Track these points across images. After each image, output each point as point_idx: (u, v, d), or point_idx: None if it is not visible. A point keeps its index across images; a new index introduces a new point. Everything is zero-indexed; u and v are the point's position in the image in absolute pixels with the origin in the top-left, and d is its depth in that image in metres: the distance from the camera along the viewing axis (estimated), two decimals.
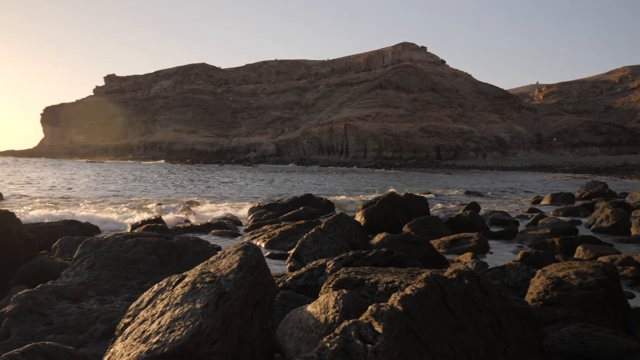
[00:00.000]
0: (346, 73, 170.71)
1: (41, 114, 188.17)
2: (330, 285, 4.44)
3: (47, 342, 3.64)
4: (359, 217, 12.75)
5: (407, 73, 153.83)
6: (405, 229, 11.44)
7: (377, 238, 8.83)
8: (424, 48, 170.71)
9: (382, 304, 2.78)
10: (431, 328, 2.72)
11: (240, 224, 15.25)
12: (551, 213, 17.19)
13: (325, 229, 8.31)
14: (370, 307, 2.74)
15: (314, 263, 6.22)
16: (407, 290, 2.81)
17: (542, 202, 22.51)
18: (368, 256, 5.97)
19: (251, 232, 12.78)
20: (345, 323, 2.67)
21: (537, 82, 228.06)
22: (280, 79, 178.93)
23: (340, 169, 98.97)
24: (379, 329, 2.60)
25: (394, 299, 2.81)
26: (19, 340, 4.09)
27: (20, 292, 4.56)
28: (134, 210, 18.78)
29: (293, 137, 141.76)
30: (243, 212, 18.71)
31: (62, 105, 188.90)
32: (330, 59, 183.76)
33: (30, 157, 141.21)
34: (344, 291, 3.80)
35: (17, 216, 7.11)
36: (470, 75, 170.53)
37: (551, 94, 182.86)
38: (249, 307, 3.10)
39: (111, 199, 23.67)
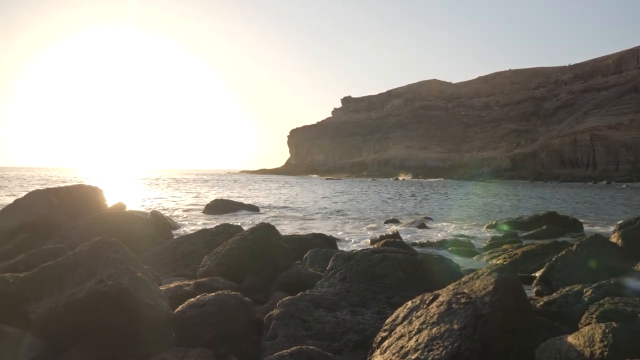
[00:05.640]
0: (591, 78, 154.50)
1: (288, 136, 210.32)
2: (594, 316, 4.02)
3: (310, 347, 3.98)
4: (615, 239, 11.31)
5: None
6: None
7: None
8: None
9: None
10: None
11: (475, 241, 14.80)
12: None
13: (577, 252, 7.56)
14: None
15: (567, 289, 5.69)
16: None
17: None
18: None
19: (490, 250, 12.29)
20: None
21: None
22: (514, 89, 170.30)
23: (585, 184, 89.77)
24: None
25: None
26: (284, 342, 4.54)
27: (284, 299, 5.07)
28: (371, 224, 19.62)
29: (530, 150, 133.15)
30: (479, 229, 18.16)
31: (305, 127, 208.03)
32: (572, 63, 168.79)
33: (278, 175, 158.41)
34: (614, 324, 3.40)
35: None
36: None
37: None
38: (507, 332, 2.95)
39: (349, 213, 25.12)
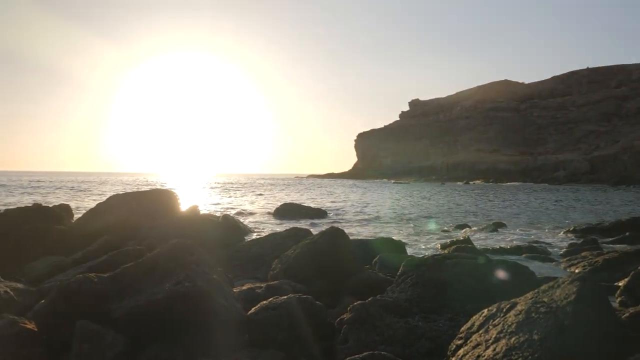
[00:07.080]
0: None
1: (355, 140, 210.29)
2: None
3: (382, 352, 3.95)
4: None
5: None
6: None
7: None
8: None
9: None
10: None
11: (551, 248, 14.20)
12: None
13: None
14: None
15: None
16: None
17: None
18: None
19: (567, 258, 11.77)
20: None
21: None
22: (592, 88, 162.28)
23: None
24: None
25: None
26: (355, 346, 4.52)
27: (355, 303, 5.05)
28: (442, 229, 19.26)
29: (610, 152, 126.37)
30: (555, 235, 17.42)
31: (372, 131, 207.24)
32: None
33: (345, 179, 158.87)
34: None
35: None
36: None
37: None
38: (590, 345, 2.80)
39: (419, 217, 24.76)
